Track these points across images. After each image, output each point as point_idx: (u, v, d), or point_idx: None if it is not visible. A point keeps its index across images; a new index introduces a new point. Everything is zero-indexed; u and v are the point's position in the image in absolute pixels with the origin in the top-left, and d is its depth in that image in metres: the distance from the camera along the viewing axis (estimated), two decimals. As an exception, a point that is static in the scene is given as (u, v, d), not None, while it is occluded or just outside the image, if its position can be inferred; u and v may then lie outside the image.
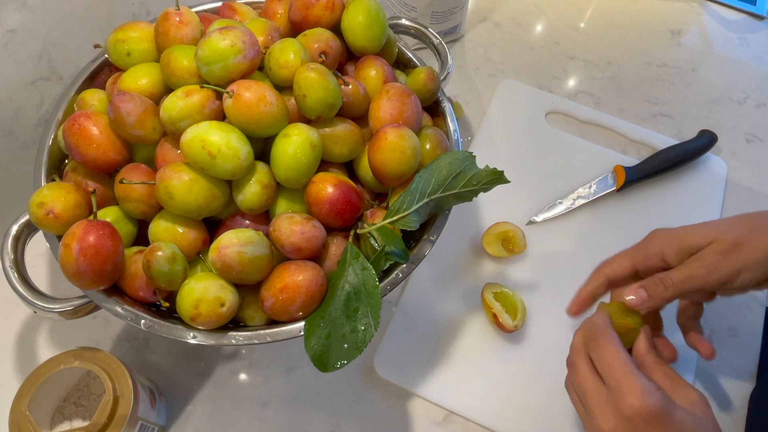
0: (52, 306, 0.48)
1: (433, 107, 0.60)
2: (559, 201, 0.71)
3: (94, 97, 0.54)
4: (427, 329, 0.63)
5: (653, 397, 0.41)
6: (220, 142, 0.45)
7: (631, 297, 0.48)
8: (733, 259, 0.46)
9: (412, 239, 0.53)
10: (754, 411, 0.60)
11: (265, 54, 0.52)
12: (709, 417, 0.43)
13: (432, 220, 0.53)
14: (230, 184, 0.49)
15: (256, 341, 0.47)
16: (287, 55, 0.50)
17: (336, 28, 0.55)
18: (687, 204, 0.73)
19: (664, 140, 0.77)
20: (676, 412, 0.41)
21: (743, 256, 0.46)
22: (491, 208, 0.71)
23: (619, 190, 0.72)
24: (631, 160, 0.75)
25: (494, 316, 0.61)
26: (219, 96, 0.48)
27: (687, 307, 0.55)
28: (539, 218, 0.70)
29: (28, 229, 0.52)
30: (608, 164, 0.75)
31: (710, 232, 0.47)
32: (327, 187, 0.49)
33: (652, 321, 0.53)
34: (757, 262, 0.46)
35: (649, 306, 0.48)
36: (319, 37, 0.53)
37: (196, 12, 0.55)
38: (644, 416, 0.41)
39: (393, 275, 0.50)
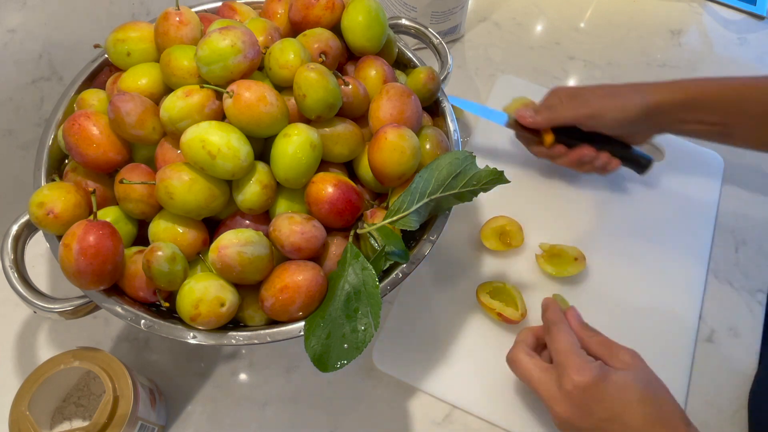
0: (52, 306, 0.48)
1: (433, 107, 0.60)
2: None
3: (94, 97, 0.54)
4: (425, 322, 0.64)
5: (587, 371, 0.49)
6: (220, 142, 0.45)
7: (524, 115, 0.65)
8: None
9: (412, 239, 0.53)
10: (756, 411, 0.59)
11: (265, 54, 0.52)
12: (643, 369, 0.50)
13: (432, 220, 0.53)
14: (230, 184, 0.49)
15: (256, 341, 0.47)
16: (287, 55, 0.50)
17: (336, 28, 0.55)
18: (683, 200, 0.73)
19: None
20: (611, 376, 0.49)
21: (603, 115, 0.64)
22: (489, 202, 0.71)
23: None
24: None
25: (498, 314, 0.61)
26: (219, 96, 0.48)
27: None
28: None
29: (28, 229, 0.52)
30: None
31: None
32: (327, 187, 0.49)
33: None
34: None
35: (536, 124, 0.65)
36: (319, 37, 0.53)
37: (196, 12, 0.55)
38: (582, 388, 0.48)
39: (393, 275, 0.50)
